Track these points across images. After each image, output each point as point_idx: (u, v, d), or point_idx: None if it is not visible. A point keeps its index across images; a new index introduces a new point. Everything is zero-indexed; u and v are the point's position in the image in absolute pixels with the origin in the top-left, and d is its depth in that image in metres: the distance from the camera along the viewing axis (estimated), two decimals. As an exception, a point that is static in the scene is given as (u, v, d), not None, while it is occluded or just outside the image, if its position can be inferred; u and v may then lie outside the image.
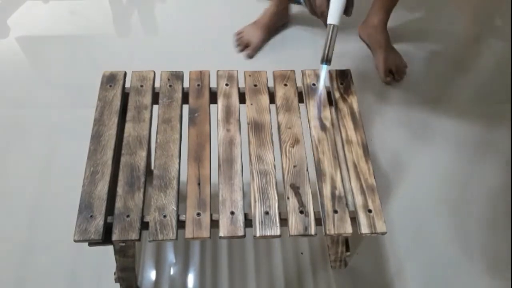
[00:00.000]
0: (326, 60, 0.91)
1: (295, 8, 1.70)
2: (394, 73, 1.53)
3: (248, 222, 0.81)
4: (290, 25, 1.69)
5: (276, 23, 1.65)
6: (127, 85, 0.99)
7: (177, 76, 1.01)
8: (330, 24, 0.88)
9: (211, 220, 0.81)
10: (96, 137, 0.90)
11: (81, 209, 0.81)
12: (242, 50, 1.60)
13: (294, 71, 1.02)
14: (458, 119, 1.46)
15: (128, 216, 0.80)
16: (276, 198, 0.83)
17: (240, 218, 0.80)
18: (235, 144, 0.90)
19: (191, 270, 1.15)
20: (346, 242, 1.07)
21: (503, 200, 1.29)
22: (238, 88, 0.99)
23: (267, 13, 1.62)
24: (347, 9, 0.89)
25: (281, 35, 1.67)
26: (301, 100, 0.99)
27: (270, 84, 1.00)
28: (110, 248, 0.92)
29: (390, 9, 1.53)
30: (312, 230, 0.80)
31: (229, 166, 0.87)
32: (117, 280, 1.04)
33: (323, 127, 0.93)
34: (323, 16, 0.89)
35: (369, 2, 1.57)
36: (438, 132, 1.42)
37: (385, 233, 0.80)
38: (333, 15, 0.87)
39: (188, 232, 0.79)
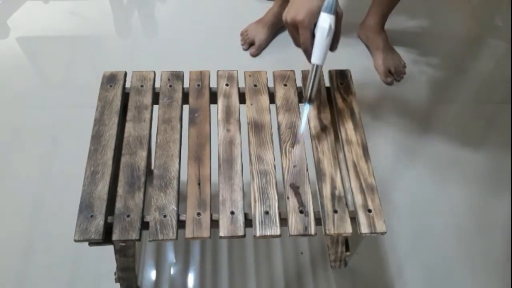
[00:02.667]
0: (309, 99, 0.88)
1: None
2: (393, 73, 1.53)
3: (248, 222, 0.81)
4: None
5: (281, 22, 1.64)
6: (127, 85, 0.99)
7: (177, 76, 1.01)
8: (314, 64, 0.84)
9: (211, 220, 0.80)
10: (97, 137, 0.90)
11: (81, 209, 0.81)
12: (247, 49, 1.60)
13: (294, 71, 1.02)
14: (458, 118, 1.47)
15: (128, 216, 0.80)
16: (276, 198, 0.83)
17: (240, 218, 0.80)
18: (235, 144, 0.90)
19: (191, 270, 1.15)
20: (346, 242, 1.07)
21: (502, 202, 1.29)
22: (238, 88, 0.99)
23: (271, 12, 1.62)
24: (332, 45, 0.84)
25: (285, 33, 1.66)
26: (301, 100, 0.99)
27: (270, 84, 1.00)
28: (110, 248, 0.92)
29: (387, 12, 1.53)
30: (312, 230, 0.80)
31: (229, 166, 0.87)
32: (117, 280, 1.04)
33: (323, 127, 0.93)
34: (307, 52, 0.84)
35: (369, 2, 1.57)
36: (438, 131, 1.42)
37: (385, 233, 0.80)
38: (317, 54, 0.82)
39: (188, 232, 0.79)
